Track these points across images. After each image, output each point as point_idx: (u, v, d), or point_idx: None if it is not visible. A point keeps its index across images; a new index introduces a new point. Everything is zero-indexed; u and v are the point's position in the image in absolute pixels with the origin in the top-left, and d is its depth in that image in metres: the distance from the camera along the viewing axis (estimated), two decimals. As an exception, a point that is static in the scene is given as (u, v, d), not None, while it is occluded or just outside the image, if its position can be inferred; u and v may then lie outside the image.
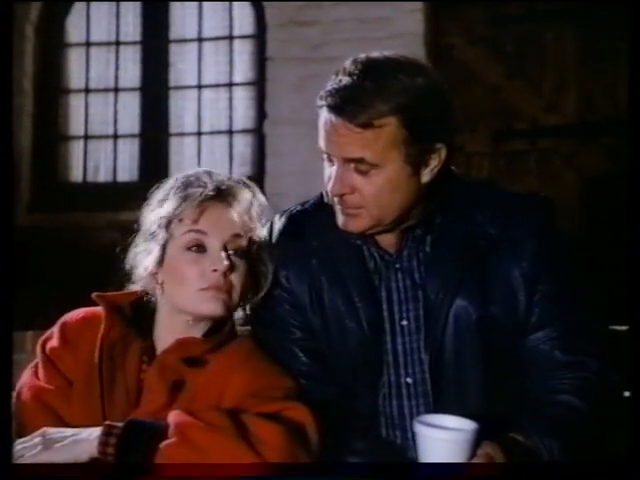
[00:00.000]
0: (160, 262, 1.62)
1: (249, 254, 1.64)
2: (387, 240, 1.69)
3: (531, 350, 1.63)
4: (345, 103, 1.53)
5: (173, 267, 1.61)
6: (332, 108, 1.55)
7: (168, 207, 1.62)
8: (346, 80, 1.54)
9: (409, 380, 1.66)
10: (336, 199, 1.62)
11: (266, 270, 1.68)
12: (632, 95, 1.61)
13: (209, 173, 1.66)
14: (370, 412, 1.67)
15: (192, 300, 1.59)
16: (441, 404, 1.59)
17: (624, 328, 1.60)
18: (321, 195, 1.77)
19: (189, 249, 1.60)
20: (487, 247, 1.65)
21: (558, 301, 1.63)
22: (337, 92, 1.54)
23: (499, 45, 4.57)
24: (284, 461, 1.42)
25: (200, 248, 1.60)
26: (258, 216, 1.66)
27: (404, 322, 1.67)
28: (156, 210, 1.64)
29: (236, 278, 1.61)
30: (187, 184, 1.64)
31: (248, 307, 1.70)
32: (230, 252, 1.60)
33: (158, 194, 1.67)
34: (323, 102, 1.57)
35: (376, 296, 1.67)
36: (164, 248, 1.62)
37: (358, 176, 1.57)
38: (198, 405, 1.52)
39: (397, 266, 1.68)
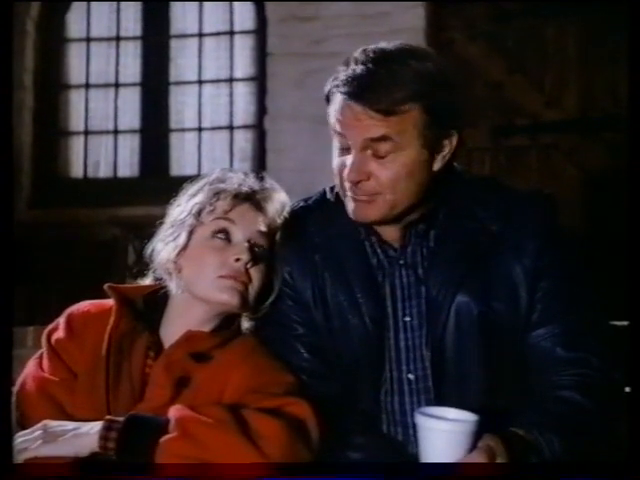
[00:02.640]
0: (184, 248, 1.64)
1: (269, 257, 1.66)
2: (391, 235, 1.69)
3: (533, 347, 1.63)
4: (365, 90, 1.53)
5: (196, 253, 1.63)
6: (351, 95, 1.54)
7: (201, 197, 1.66)
8: (360, 69, 1.55)
9: (411, 376, 1.66)
10: (350, 186, 1.61)
11: (275, 280, 1.69)
12: (632, 90, 1.61)
13: (246, 174, 1.70)
14: (372, 408, 1.67)
15: (210, 287, 1.60)
16: (442, 400, 1.58)
17: (624, 324, 1.60)
18: (324, 191, 1.78)
19: (215, 236, 1.62)
20: (489, 243, 1.65)
21: (560, 298, 1.64)
22: (354, 79, 1.54)
23: (500, 40, 4.57)
24: (284, 456, 1.42)
25: (226, 236, 1.62)
26: (282, 222, 1.69)
27: (407, 318, 1.67)
28: (188, 200, 1.67)
29: (256, 273, 1.62)
30: (223, 180, 1.67)
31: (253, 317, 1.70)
32: (254, 248, 1.62)
33: (190, 188, 1.69)
34: (340, 89, 1.56)
35: (379, 292, 1.68)
36: (190, 234, 1.64)
37: (375, 162, 1.57)
38: (200, 400, 1.52)
39: (401, 262, 1.68)
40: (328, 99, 1.61)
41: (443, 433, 1.39)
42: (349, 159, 1.59)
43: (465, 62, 4.50)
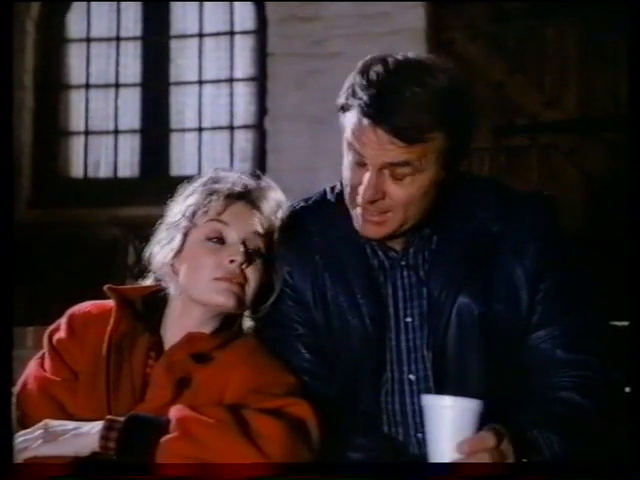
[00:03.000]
0: (179, 250, 1.64)
1: (267, 256, 1.65)
2: (393, 241, 1.68)
3: (533, 348, 1.63)
4: (390, 116, 1.49)
5: (191, 255, 1.63)
6: (376, 119, 1.51)
7: (195, 198, 1.65)
8: (383, 88, 1.51)
9: (412, 377, 1.66)
10: (363, 203, 1.59)
11: (275, 280, 1.69)
12: (632, 91, 1.61)
13: (241, 174, 1.70)
14: (372, 409, 1.67)
15: (205, 289, 1.60)
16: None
17: (624, 324, 1.60)
18: (324, 192, 1.77)
19: (209, 239, 1.62)
20: (490, 245, 1.65)
21: (560, 300, 1.63)
22: (378, 102, 1.50)
23: (500, 40, 4.57)
24: (285, 456, 1.42)
25: (220, 238, 1.62)
26: (281, 221, 1.68)
27: (408, 319, 1.67)
28: (182, 202, 1.67)
29: (252, 273, 1.62)
30: (216, 180, 1.67)
31: (254, 316, 1.70)
32: (249, 248, 1.62)
33: (186, 189, 1.69)
34: (364, 110, 1.52)
35: (379, 293, 1.67)
36: (185, 236, 1.64)
37: (392, 183, 1.56)
38: (201, 401, 1.52)
39: (403, 263, 1.68)
40: (343, 109, 1.58)
41: (450, 409, 1.40)
42: (365, 177, 1.56)
43: (465, 62, 4.50)
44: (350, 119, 1.56)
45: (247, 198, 1.65)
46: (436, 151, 1.54)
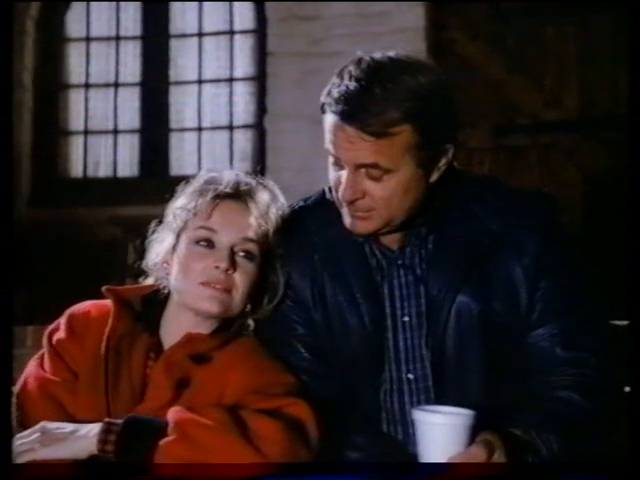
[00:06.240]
0: (172, 252, 1.64)
1: (262, 258, 1.64)
2: (390, 237, 1.68)
3: (532, 346, 1.63)
4: (357, 112, 1.50)
5: (180, 258, 1.63)
6: (343, 116, 1.52)
7: (185, 199, 1.65)
8: (353, 86, 1.51)
9: (410, 376, 1.66)
10: (343, 202, 1.61)
11: (277, 281, 1.69)
12: (632, 90, 1.61)
13: (236, 174, 1.68)
14: (371, 408, 1.67)
15: (191, 294, 1.60)
16: (442, 400, 1.58)
17: (624, 323, 1.60)
18: (323, 191, 1.77)
19: (198, 243, 1.62)
20: (489, 243, 1.65)
21: (559, 298, 1.63)
22: (346, 99, 1.51)
23: (500, 40, 4.57)
24: (284, 457, 1.42)
25: (209, 244, 1.61)
26: (276, 220, 1.66)
27: (406, 318, 1.67)
28: (174, 203, 1.67)
29: (241, 278, 1.61)
30: (209, 180, 1.66)
31: (255, 317, 1.70)
32: (240, 253, 1.61)
33: (183, 188, 1.69)
34: (332, 108, 1.54)
35: (378, 292, 1.67)
36: (177, 238, 1.64)
37: (370, 181, 1.56)
38: (200, 401, 1.52)
39: (399, 262, 1.68)
40: (322, 111, 1.59)
41: (440, 427, 1.39)
42: (343, 176, 1.58)
43: (465, 62, 4.50)
44: (327, 120, 1.57)
45: (236, 199, 1.64)
46: (407, 147, 1.53)
